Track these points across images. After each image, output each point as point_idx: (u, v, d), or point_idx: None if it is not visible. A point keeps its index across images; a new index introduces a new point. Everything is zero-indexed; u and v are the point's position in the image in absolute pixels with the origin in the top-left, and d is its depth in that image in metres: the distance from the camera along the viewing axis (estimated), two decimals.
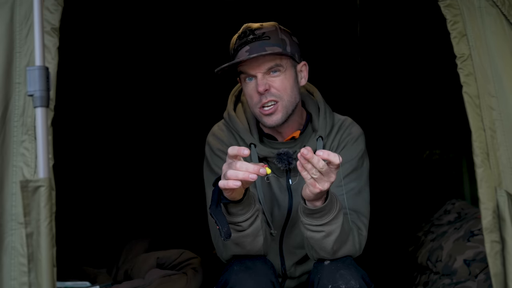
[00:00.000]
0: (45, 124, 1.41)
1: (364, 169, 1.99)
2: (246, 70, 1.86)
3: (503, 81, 1.63)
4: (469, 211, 3.00)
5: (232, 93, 2.10)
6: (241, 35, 1.89)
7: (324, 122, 1.99)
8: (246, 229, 1.74)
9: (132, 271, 2.56)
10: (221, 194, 1.65)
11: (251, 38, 1.86)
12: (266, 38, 1.85)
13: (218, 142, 2.00)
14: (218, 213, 1.65)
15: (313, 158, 1.56)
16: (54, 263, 1.40)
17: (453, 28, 1.65)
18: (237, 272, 1.76)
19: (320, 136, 1.96)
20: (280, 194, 1.99)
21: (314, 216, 1.69)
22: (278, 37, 1.87)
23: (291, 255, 2.03)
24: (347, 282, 1.71)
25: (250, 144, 1.95)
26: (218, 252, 1.93)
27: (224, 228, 1.63)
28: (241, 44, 1.86)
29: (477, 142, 1.58)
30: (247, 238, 1.76)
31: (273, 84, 1.86)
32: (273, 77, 1.86)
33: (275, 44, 1.85)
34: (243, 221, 1.72)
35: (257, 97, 1.86)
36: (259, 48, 1.83)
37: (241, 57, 1.83)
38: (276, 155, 1.65)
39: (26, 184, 1.40)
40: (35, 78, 1.40)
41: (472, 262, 2.47)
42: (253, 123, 2.00)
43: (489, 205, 1.54)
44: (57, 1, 1.55)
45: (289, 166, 1.64)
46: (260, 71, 1.84)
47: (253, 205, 1.73)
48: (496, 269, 1.53)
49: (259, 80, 1.84)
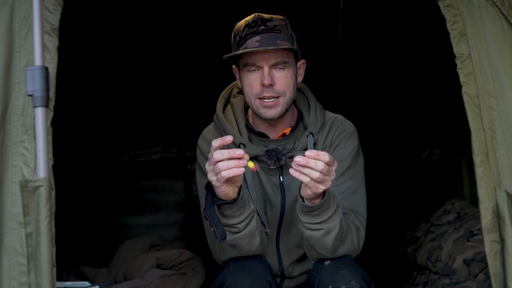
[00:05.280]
0: (45, 124, 1.41)
1: (359, 166, 1.99)
2: (253, 60, 1.84)
3: (502, 81, 1.64)
4: (469, 211, 3.00)
5: (222, 95, 2.09)
6: (251, 23, 1.86)
7: (315, 119, 1.98)
8: (242, 231, 1.74)
9: (132, 271, 2.55)
10: (214, 196, 1.66)
11: (262, 29, 1.84)
12: (277, 31, 1.84)
13: (207, 144, 2.00)
14: (212, 215, 1.65)
15: (310, 163, 1.56)
16: (53, 263, 1.40)
17: (452, 28, 1.65)
18: (233, 272, 1.76)
19: (310, 132, 1.96)
20: (272, 193, 1.99)
21: (313, 214, 1.69)
22: (288, 32, 1.87)
23: (288, 254, 2.03)
24: (347, 283, 1.71)
25: (239, 144, 1.94)
26: (215, 256, 1.93)
27: (219, 229, 1.63)
28: (251, 33, 1.84)
29: (476, 142, 1.59)
30: (243, 239, 1.76)
31: (277, 79, 1.85)
32: (278, 72, 1.85)
33: (285, 39, 1.84)
34: (238, 222, 1.72)
35: (259, 88, 1.85)
36: (270, 40, 1.82)
37: (250, 46, 1.82)
38: (265, 152, 1.65)
39: (26, 184, 1.40)
40: (34, 78, 1.40)
41: (471, 262, 2.47)
42: (242, 123, 1.99)
43: (488, 205, 1.55)
44: (57, 1, 1.55)
45: (279, 163, 1.64)
46: (267, 64, 1.84)
47: (247, 206, 1.73)
48: (496, 269, 1.53)
49: (266, 73, 1.83)
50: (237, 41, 1.88)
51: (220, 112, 2.03)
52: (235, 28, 1.92)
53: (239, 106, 2.03)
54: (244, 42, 1.84)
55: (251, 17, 1.90)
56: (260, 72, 1.85)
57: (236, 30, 1.91)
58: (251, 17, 1.90)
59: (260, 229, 1.81)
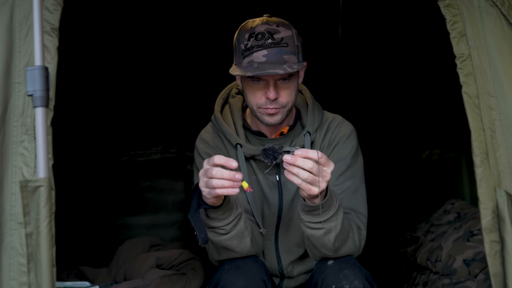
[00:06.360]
0: (45, 124, 1.41)
1: (358, 166, 1.99)
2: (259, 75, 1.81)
3: (502, 81, 1.63)
4: (469, 211, 3.00)
5: (220, 96, 2.09)
6: (258, 35, 1.82)
7: (312, 118, 1.98)
8: (229, 232, 1.74)
9: (132, 271, 2.55)
10: (200, 199, 1.66)
11: (269, 43, 1.80)
12: (284, 45, 1.81)
13: (204, 145, 2.00)
14: (196, 219, 1.66)
15: (297, 161, 1.56)
16: (53, 263, 1.40)
17: (452, 28, 1.65)
18: (228, 272, 1.77)
19: (307, 131, 1.95)
20: (270, 192, 1.99)
21: (314, 213, 1.69)
22: (294, 44, 1.84)
23: (288, 253, 2.03)
24: (351, 282, 1.71)
25: (236, 144, 1.95)
26: (210, 256, 1.94)
27: (201, 234, 1.65)
28: (258, 46, 1.80)
29: (476, 142, 1.58)
30: (231, 240, 1.76)
31: (282, 92, 1.84)
32: (283, 83, 1.84)
33: (292, 53, 1.82)
34: (224, 225, 1.72)
35: (263, 100, 1.84)
36: (277, 55, 1.79)
37: (257, 60, 1.79)
38: (261, 150, 1.65)
39: (26, 184, 1.40)
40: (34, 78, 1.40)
41: (471, 262, 2.47)
42: (239, 124, 2.00)
43: (488, 205, 1.54)
44: (57, 1, 1.55)
45: (275, 161, 1.65)
46: (273, 78, 1.82)
47: (234, 209, 1.73)
48: (496, 269, 1.53)
49: (271, 88, 1.82)
50: (242, 50, 1.84)
51: (218, 112, 2.03)
52: (240, 32, 1.87)
53: (237, 106, 2.04)
54: (250, 55, 1.81)
55: (258, 23, 1.85)
56: (264, 83, 1.83)
57: (240, 35, 1.86)
58: (257, 24, 1.85)
59: (250, 229, 1.81)
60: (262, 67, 1.77)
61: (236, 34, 1.90)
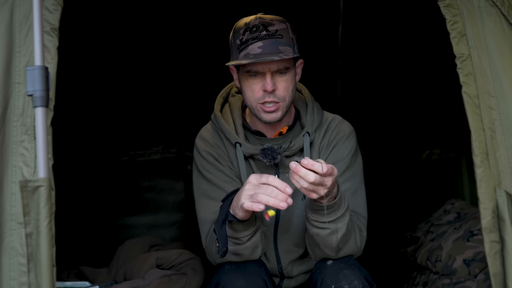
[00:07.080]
0: (45, 124, 1.41)
1: (357, 166, 1.99)
2: (256, 68, 1.83)
3: (502, 81, 1.63)
4: (469, 211, 3.00)
5: (220, 95, 2.09)
6: (252, 28, 1.84)
7: (312, 118, 1.98)
8: (245, 243, 1.76)
9: (132, 271, 2.55)
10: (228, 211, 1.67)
11: (264, 35, 1.82)
12: (279, 36, 1.83)
13: (204, 143, 2.01)
14: (222, 232, 1.67)
15: (300, 172, 1.57)
16: (53, 263, 1.40)
17: (452, 28, 1.65)
18: (228, 272, 1.78)
19: (307, 132, 1.96)
20: None
21: (321, 213, 1.70)
22: (289, 36, 1.85)
23: (287, 253, 2.03)
24: (350, 282, 1.72)
25: (236, 143, 1.95)
26: (209, 257, 1.94)
27: (223, 247, 1.66)
28: (253, 38, 1.82)
29: (476, 142, 1.59)
30: (245, 250, 1.79)
31: (279, 85, 1.85)
32: (279, 77, 1.85)
33: (287, 44, 1.83)
34: (242, 237, 1.74)
35: (261, 93, 1.85)
36: (272, 46, 1.81)
37: (252, 52, 1.81)
38: (260, 150, 1.65)
39: (26, 184, 1.40)
40: (34, 78, 1.40)
41: (471, 262, 2.47)
42: (239, 122, 2.00)
43: (488, 205, 1.55)
44: (57, 1, 1.55)
45: (274, 161, 1.64)
46: (270, 71, 1.83)
47: (254, 223, 1.75)
48: (496, 269, 1.53)
49: (268, 79, 1.82)
50: (237, 45, 1.86)
51: (218, 111, 2.04)
52: (235, 30, 1.90)
53: (237, 105, 2.04)
54: (246, 48, 1.83)
55: (252, 19, 1.88)
56: (261, 77, 1.84)
57: (235, 32, 1.89)
58: (251, 19, 1.88)
59: (264, 241, 1.82)
60: (257, 57, 1.79)
61: (231, 32, 1.92)
